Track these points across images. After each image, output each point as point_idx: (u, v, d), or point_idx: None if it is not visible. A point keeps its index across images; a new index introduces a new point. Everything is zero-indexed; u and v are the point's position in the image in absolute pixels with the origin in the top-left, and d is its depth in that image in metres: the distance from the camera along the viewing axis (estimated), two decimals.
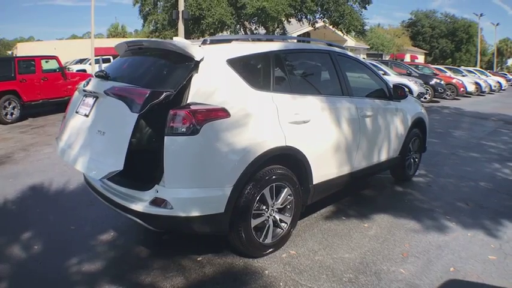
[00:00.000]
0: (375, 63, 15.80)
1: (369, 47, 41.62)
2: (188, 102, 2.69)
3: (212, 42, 3.15)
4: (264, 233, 3.09)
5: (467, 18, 57.07)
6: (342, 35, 25.50)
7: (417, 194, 4.79)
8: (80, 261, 3.09)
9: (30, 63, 11.37)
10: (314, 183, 3.42)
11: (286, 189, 3.17)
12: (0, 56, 30.69)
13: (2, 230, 3.69)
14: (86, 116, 3.08)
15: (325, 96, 3.63)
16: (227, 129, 2.73)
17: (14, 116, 10.40)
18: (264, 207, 3.07)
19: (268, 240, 3.13)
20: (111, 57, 24.45)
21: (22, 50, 34.35)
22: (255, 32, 23.20)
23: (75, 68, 19.65)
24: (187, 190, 2.69)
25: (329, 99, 3.64)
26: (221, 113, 2.72)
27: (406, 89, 14.60)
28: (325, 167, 3.54)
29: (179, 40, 3.40)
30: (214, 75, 2.85)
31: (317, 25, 24.65)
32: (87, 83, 3.35)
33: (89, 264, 3.04)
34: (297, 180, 3.27)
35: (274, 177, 3.04)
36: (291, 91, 3.33)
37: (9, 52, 41.39)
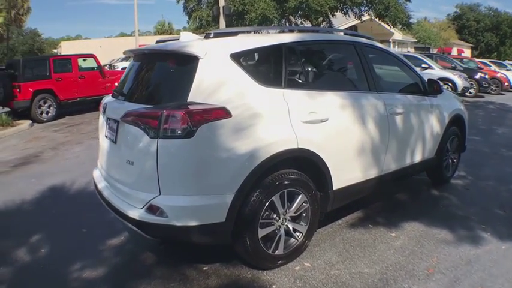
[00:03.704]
0: (418, 56, 15.06)
1: (416, 41, 40.70)
2: (187, 101, 2.47)
3: (216, 35, 2.90)
4: (274, 243, 2.82)
5: (509, 13, 55.47)
6: (388, 28, 25.05)
7: (454, 198, 4.34)
8: (83, 267, 2.97)
9: (66, 62, 11.58)
10: (334, 188, 3.10)
11: (300, 196, 2.89)
12: (38, 56, 31.80)
13: (13, 232, 3.65)
14: (114, 142, 2.92)
15: (348, 92, 3.29)
16: (228, 131, 2.48)
17: (49, 114, 10.65)
18: (275, 216, 2.80)
19: (279, 252, 2.85)
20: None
21: (66, 48, 35.64)
22: (300, 26, 22.83)
23: (120, 65, 20.10)
24: (184, 197, 2.48)
25: (352, 95, 3.30)
26: (221, 113, 2.46)
27: (450, 84, 13.70)
28: (347, 171, 3.22)
29: (186, 36, 3.17)
30: (216, 71, 2.60)
31: (363, 18, 24.09)
32: (105, 106, 3.22)
33: (91, 271, 2.93)
34: (314, 186, 2.97)
35: (285, 182, 2.77)
36: (306, 87, 3.03)
37: (54, 50, 43.23)
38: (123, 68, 19.99)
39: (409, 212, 3.91)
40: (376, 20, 23.72)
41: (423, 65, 13.86)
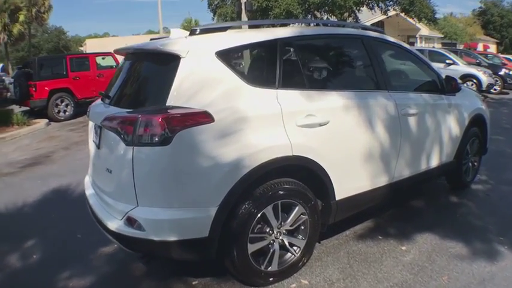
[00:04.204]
0: (443, 52, 14.45)
1: (442, 36, 39.80)
2: (165, 105, 2.26)
3: (203, 31, 2.66)
4: (267, 259, 2.59)
5: None
6: (414, 23, 24.73)
7: (472, 206, 4.00)
8: (70, 276, 2.88)
9: (84, 60, 11.61)
10: (337, 198, 2.84)
11: (297, 207, 2.65)
12: (55, 54, 32.36)
13: (9, 236, 3.60)
14: (98, 148, 2.77)
15: (353, 92, 3.01)
16: (210, 137, 2.25)
17: (67, 113, 10.70)
18: (268, 229, 2.57)
19: (273, 268, 2.63)
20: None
21: (91, 46, 36.16)
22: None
23: None
24: (162, 210, 2.27)
25: (358, 94, 3.02)
26: (201, 117, 2.24)
27: (475, 80, 13.04)
28: (352, 180, 2.95)
29: (177, 33, 2.98)
30: (200, 71, 2.37)
31: (389, 13, 23.59)
32: (89, 110, 3.09)
33: (78, 280, 2.83)
34: (314, 196, 2.73)
35: (279, 193, 2.54)
36: (304, 86, 2.76)
37: (81, 48, 44.12)
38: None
39: (423, 222, 3.62)
40: (402, 15, 23.34)
41: (447, 61, 13.27)
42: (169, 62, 2.37)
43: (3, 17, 21.43)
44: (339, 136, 2.80)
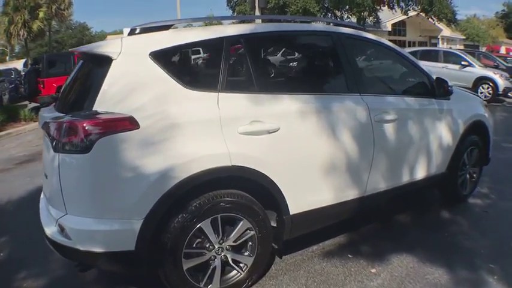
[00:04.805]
0: (458, 53, 13.72)
1: (464, 38, 39.17)
2: (92, 109, 2.12)
3: (143, 30, 2.45)
4: (207, 275, 2.37)
5: None
6: (433, 23, 24.63)
7: (465, 224, 3.57)
8: (27, 277, 2.84)
9: None
10: (292, 213, 2.57)
11: (242, 222, 2.40)
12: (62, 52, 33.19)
13: None
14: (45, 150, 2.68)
15: (313, 95, 2.71)
16: (134, 145, 2.08)
17: None
18: (207, 245, 2.34)
19: (215, 285, 2.40)
20: (200, 49, 25.31)
21: None
22: (346, 20, 22.37)
23: None
24: (86, 220, 2.14)
25: (319, 98, 2.72)
26: (125, 124, 2.07)
27: (491, 83, 12.26)
28: (309, 193, 2.66)
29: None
30: (131, 73, 2.22)
31: (410, 13, 23.40)
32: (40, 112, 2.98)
33: (32, 281, 2.79)
34: (262, 211, 2.47)
35: (220, 206, 2.30)
36: (253, 90, 2.49)
37: None
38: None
39: (404, 239, 3.26)
40: (422, 14, 23.09)
41: (463, 62, 12.52)
42: (102, 64, 2.25)
43: (23, 13, 22.01)
44: (293, 145, 2.52)
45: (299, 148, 2.54)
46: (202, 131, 2.24)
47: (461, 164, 3.81)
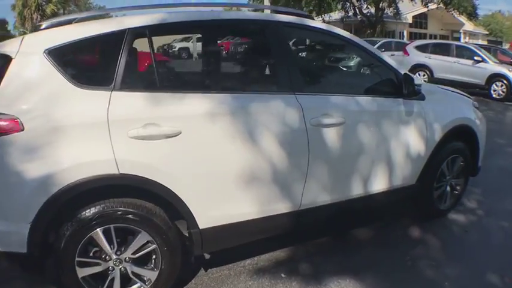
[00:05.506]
0: (471, 48, 12.86)
1: (487, 33, 37.90)
2: None
3: (49, 26, 2.24)
4: (105, 285, 2.21)
5: None
6: (455, 16, 24.42)
7: (436, 245, 3.11)
8: None
9: None
10: (201, 227, 2.28)
11: (140, 234, 2.16)
12: None
13: None
14: None
15: (230, 94, 2.38)
16: (16, 149, 1.96)
17: None
18: (104, 255, 2.16)
19: None
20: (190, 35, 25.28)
21: None
22: (364, 11, 21.86)
23: (178, 45, 20.68)
24: None
25: (237, 98, 2.38)
26: (8, 126, 1.94)
27: (505, 81, 11.30)
28: (224, 206, 2.35)
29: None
30: (26, 73, 2.08)
31: (430, 6, 22.68)
32: None
33: None
34: (166, 224, 2.22)
35: (114, 216, 2.09)
36: (155, 88, 2.24)
37: None
38: (181, 49, 20.37)
39: (353, 260, 2.86)
40: (442, 6, 22.50)
41: (476, 58, 11.72)
42: (2, 63, 2.11)
43: None
44: (200, 152, 2.23)
45: (208, 155, 2.24)
46: (87, 135, 2.04)
47: (439, 175, 3.38)
